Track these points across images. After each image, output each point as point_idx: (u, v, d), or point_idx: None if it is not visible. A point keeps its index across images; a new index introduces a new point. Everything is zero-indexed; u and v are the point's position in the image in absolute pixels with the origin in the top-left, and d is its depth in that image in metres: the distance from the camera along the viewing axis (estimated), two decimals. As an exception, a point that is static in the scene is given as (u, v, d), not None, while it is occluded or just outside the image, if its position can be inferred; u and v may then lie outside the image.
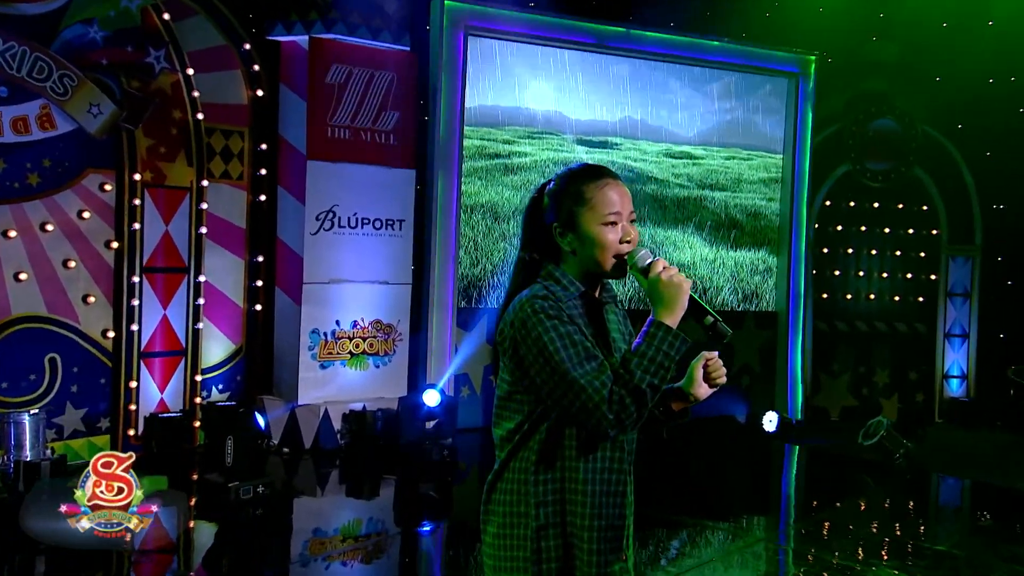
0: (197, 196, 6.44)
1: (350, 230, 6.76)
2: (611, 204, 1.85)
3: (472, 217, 7.30)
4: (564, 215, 1.87)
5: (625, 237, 1.86)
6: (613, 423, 1.75)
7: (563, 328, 1.78)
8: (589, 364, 1.76)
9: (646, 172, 8.09)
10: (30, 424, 5.21)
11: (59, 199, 5.88)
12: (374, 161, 6.80)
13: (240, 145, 6.71)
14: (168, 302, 6.40)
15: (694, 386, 1.97)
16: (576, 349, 1.77)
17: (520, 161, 7.48)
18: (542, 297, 1.81)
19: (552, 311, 1.79)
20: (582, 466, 1.84)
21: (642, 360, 1.76)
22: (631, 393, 1.75)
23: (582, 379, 1.75)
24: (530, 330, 1.78)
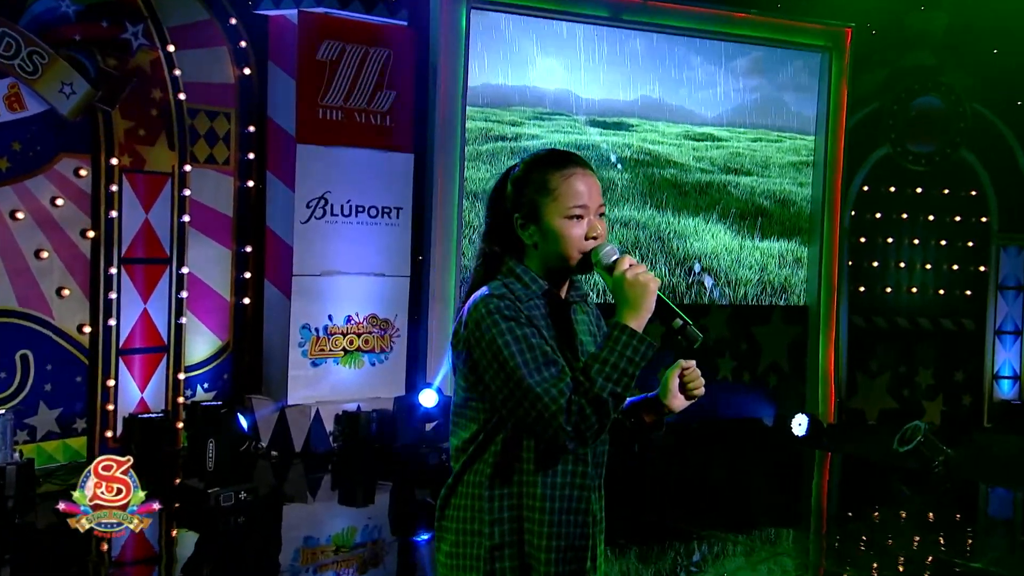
0: (179, 182, 6.37)
1: (343, 218, 6.68)
2: (577, 195, 1.81)
3: (476, 204, 7.19)
4: (526, 206, 1.83)
5: (591, 232, 1.83)
6: (571, 435, 1.72)
7: (520, 330, 1.75)
8: (548, 370, 1.73)
9: (665, 155, 7.98)
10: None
11: (30, 185, 5.83)
12: (369, 144, 6.71)
13: (226, 127, 6.64)
14: (149, 295, 6.34)
15: (669, 397, 1.93)
16: (533, 354, 1.74)
17: (528, 144, 7.36)
18: (498, 296, 1.78)
19: (508, 311, 1.76)
20: (540, 480, 1.80)
21: (603, 366, 1.72)
22: (591, 402, 1.71)
23: (538, 387, 1.72)
24: (484, 332, 1.75)
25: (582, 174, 1.84)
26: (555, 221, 1.81)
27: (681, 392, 1.93)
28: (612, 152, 7.72)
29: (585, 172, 1.85)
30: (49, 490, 5.51)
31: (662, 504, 6.09)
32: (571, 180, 1.82)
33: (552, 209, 1.81)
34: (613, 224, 7.78)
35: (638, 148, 7.78)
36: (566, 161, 1.85)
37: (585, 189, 1.82)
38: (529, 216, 1.83)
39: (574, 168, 1.84)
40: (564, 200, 1.81)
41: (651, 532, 5.33)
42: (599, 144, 7.67)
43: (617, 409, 1.76)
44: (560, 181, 1.82)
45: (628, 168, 7.79)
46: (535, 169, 1.85)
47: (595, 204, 1.85)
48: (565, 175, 1.83)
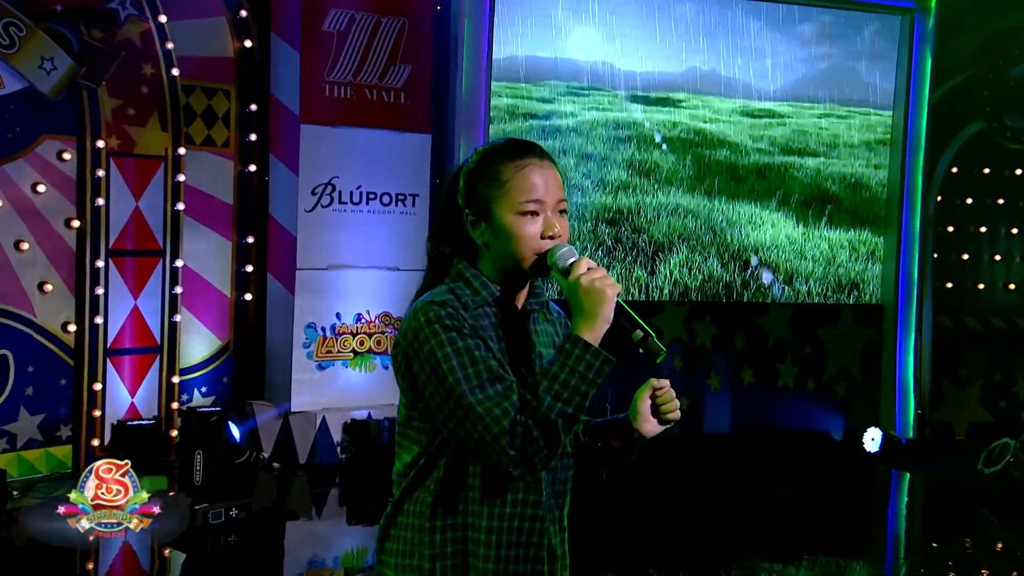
0: (173, 166, 6.29)
1: (353, 206, 6.57)
2: (531, 189, 1.79)
3: None
4: (477, 201, 1.82)
5: (548, 231, 1.80)
6: (516, 460, 1.68)
7: (462, 342, 1.73)
8: (492, 388, 1.71)
9: (718, 135, 7.73)
10: None
11: (10, 170, 5.77)
12: (381, 124, 6.59)
13: (225, 106, 6.55)
14: (139, 291, 6.26)
15: (639, 420, 1.92)
16: (476, 368, 1.72)
17: (561, 123, 7.23)
18: (440, 303, 1.76)
19: (450, 320, 1.74)
20: (486, 511, 1.78)
21: (552, 384, 1.69)
22: (539, 424, 1.68)
23: (479, 406, 1.69)
24: (422, 343, 1.73)
25: (539, 166, 1.81)
26: (507, 217, 1.79)
27: (654, 415, 1.91)
28: (657, 131, 7.52)
29: (543, 163, 1.82)
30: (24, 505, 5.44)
31: (710, 528, 5.92)
32: (525, 172, 1.79)
33: (504, 204, 1.79)
34: (658, 212, 7.54)
35: (686, 126, 7.60)
36: (521, 151, 1.82)
37: (541, 182, 1.79)
38: (480, 213, 1.81)
39: (529, 159, 1.81)
40: (516, 194, 1.78)
41: (696, 561, 5.20)
42: (642, 122, 7.46)
43: (569, 432, 1.71)
44: (513, 173, 1.79)
45: (675, 149, 7.60)
46: (487, 160, 1.83)
47: (553, 199, 1.81)
48: (519, 166, 1.80)
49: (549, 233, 1.80)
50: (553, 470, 1.85)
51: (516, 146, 1.84)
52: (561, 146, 7.26)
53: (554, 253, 1.78)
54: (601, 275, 1.74)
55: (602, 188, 7.35)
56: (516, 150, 1.83)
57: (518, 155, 1.81)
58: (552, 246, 1.79)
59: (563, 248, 1.79)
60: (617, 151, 7.40)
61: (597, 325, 1.72)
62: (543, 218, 1.80)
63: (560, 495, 1.88)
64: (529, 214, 1.78)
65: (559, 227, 1.81)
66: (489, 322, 1.80)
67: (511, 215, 1.79)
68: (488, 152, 1.85)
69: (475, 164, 1.85)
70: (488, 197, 1.80)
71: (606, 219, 7.35)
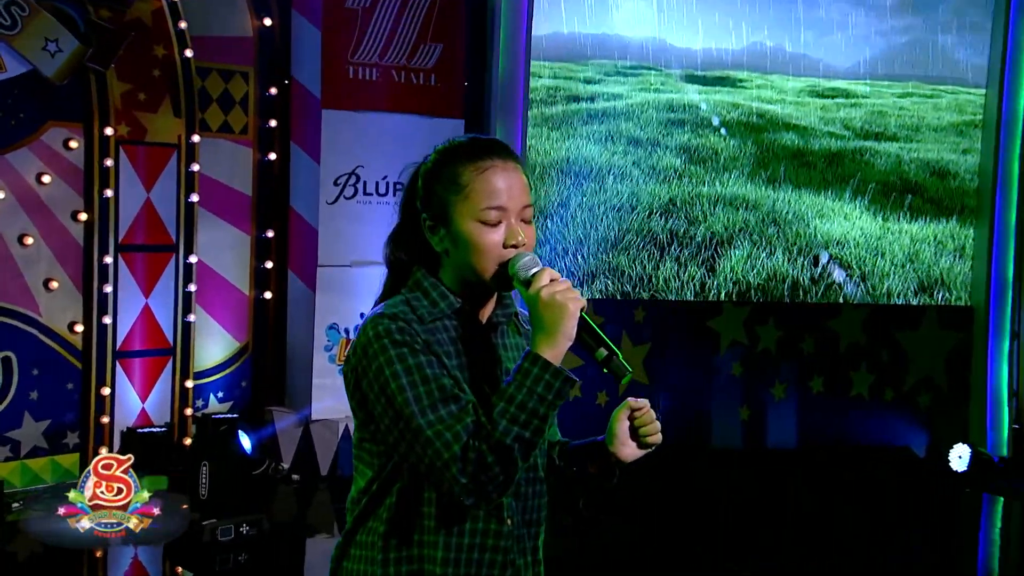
0: (187, 155, 6.23)
1: (379, 198, 6.48)
2: (492, 194, 1.78)
3: (543, 180, 6.99)
4: (435, 205, 1.81)
5: (511, 239, 1.78)
6: (468, 489, 1.66)
7: (413, 359, 1.72)
8: (445, 408, 1.69)
9: (783, 117, 7.52)
10: None
11: (12, 159, 5.75)
12: (410, 109, 6.50)
13: (243, 89, 6.50)
14: (151, 288, 6.22)
15: (615, 443, 1.90)
16: (428, 387, 1.70)
17: (607, 106, 7.10)
18: (390, 316, 1.75)
19: (400, 335, 1.73)
20: (442, 541, 1.77)
21: (508, 406, 1.67)
22: (493, 450, 1.66)
23: (429, 429, 1.68)
24: (371, 360, 1.73)
25: (501, 168, 1.79)
26: (466, 225, 1.78)
27: (632, 439, 1.89)
28: (714, 114, 7.34)
29: (507, 165, 1.80)
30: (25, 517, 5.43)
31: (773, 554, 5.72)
32: (487, 175, 1.78)
33: (463, 210, 1.77)
34: (716, 203, 7.31)
35: (748, 109, 7.42)
36: (483, 152, 1.80)
37: (504, 186, 1.78)
38: (438, 218, 1.80)
39: (491, 161, 1.79)
40: (476, 199, 1.77)
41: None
42: (697, 104, 7.29)
43: (527, 457, 1.69)
44: (473, 176, 1.78)
45: (735, 133, 7.40)
46: (445, 161, 1.81)
47: (517, 205, 1.79)
48: (479, 169, 1.78)
49: (512, 242, 1.78)
50: (523, 497, 1.84)
51: (477, 146, 1.81)
52: (608, 131, 7.12)
53: (515, 263, 1.77)
54: (564, 287, 1.72)
55: (654, 177, 7.18)
56: (477, 150, 1.80)
57: (479, 156, 1.79)
58: (515, 255, 1.78)
59: (525, 257, 1.77)
60: (670, 136, 7.23)
61: (558, 342, 1.71)
62: (506, 225, 1.78)
63: (532, 524, 1.87)
64: (490, 222, 1.77)
65: (524, 235, 1.79)
66: (447, 336, 1.79)
67: (471, 222, 1.77)
68: (447, 152, 1.82)
69: (433, 164, 1.83)
70: (446, 202, 1.79)
71: (658, 211, 7.18)
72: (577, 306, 1.72)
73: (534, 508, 1.87)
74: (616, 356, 1.75)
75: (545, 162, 6.98)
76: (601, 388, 7.18)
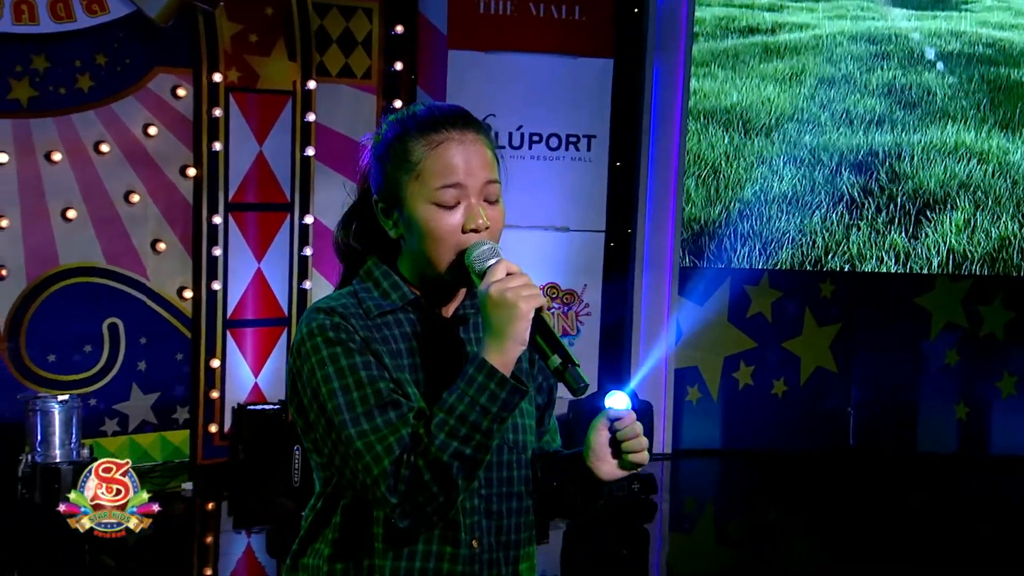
0: (302, 103, 6.32)
1: (512, 151, 6.52)
2: (448, 172, 1.75)
3: (708, 129, 6.90)
4: (387, 185, 1.79)
5: (470, 223, 1.75)
6: (401, 510, 1.65)
7: (347, 360, 1.71)
8: (382, 416, 1.69)
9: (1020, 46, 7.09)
10: (60, 414, 5.35)
11: (118, 109, 5.94)
12: (550, 48, 6.54)
13: (366, 28, 6.49)
14: (263, 252, 6.34)
15: (592, 458, 1.83)
16: (362, 393, 1.70)
17: (792, 38, 6.98)
18: (326, 310, 1.74)
19: (334, 333, 1.72)
20: (389, 566, 1.76)
21: (448, 417, 1.66)
22: (430, 466, 1.64)
23: (359, 440, 1.68)
24: (304, 360, 1.73)
25: (458, 141, 1.75)
26: (419, 207, 1.74)
27: (613, 455, 1.81)
28: (928, 45, 7.09)
29: (464, 137, 1.76)
30: None
31: None
32: (440, 151, 1.74)
33: (415, 190, 1.74)
34: (928, 154, 7.12)
35: (973, 37, 7.11)
36: (438, 124, 1.76)
37: (461, 161, 1.74)
38: (390, 200, 1.78)
39: (447, 133, 1.75)
40: (430, 179, 1.74)
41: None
42: (907, 34, 7.02)
43: (471, 476, 1.67)
44: (425, 152, 1.74)
45: (954, 69, 7.10)
46: (395, 135, 1.78)
47: (477, 182, 1.75)
48: (432, 143, 1.74)
49: (471, 226, 1.73)
50: (496, 516, 1.80)
51: (432, 117, 1.76)
52: (791, 69, 6.96)
53: (471, 252, 1.72)
54: (519, 284, 1.67)
55: (847, 124, 6.98)
56: (430, 122, 1.75)
57: (432, 128, 1.74)
58: (477, 241, 1.74)
59: (483, 247, 1.72)
60: (871, 74, 7.01)
61: (506, 347, 1.66)
62: (465, 207, 1.74)
63: (509, 547, 1.83)
64: (446, 203, 1.73)
65: (485, 217, 1.74)
66: (400, 332, 1.77)
67: (425, 205, 1.73)
68: (397, 123, 1.79)
69: (382, 138, 1.80)
70: (398, 181, 1.75)
71: (852, 164, 6.96)
72: (531, 306, 1.66)
73: (511, 528, 1.83)
74: (572, 365, 1.70)
75: (712, 107, 6.91)
76: (779, 376, 7.02)
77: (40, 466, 5.19)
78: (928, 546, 5.65)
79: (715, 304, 6.97)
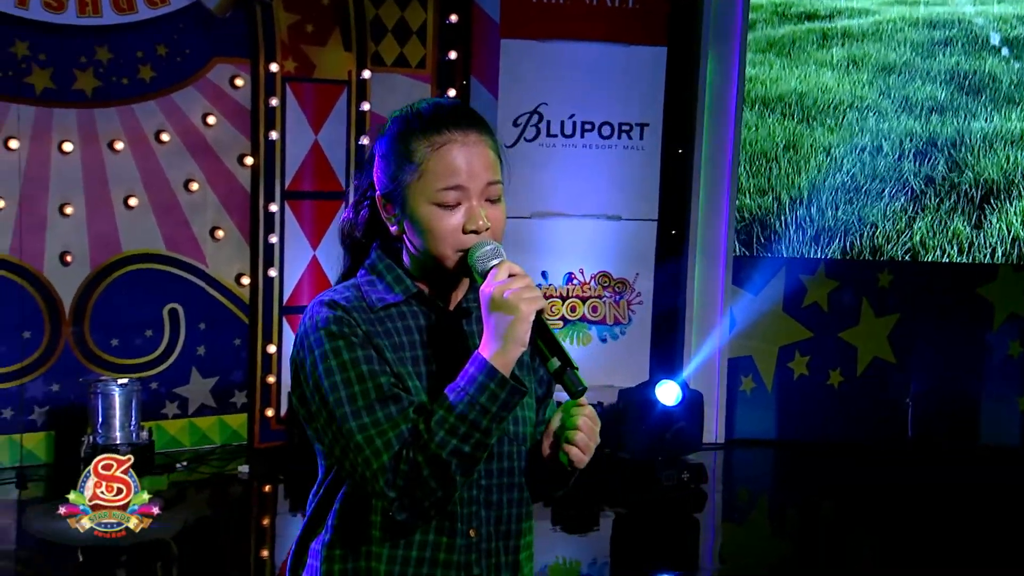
0: (357, 92, 6.44)
1: (564, 139, 6.58)
2: (449, 173, 1.79)
3: (763, 116, 6.84)
4: (389, 182, 1.83)
5: (471, 224, 1.79)
6: (399, 504, 1.72)
7: (348, 354, 1.76)
8: (383, 410, 1.74)
9: None
10: (120, 397, 5.61)
11: (178, 99, 6.17)
12: (603, 37, 6.56)
13: (421, 18, 6.61)
14: (319, 240, 6.46)
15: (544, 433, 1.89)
16: (363, 387, 1.75)
17: (851, 24, 6.88)
18: (330, 304, 1.80)
19: (336, 326, 1.78)
20: (386, 554, 1.82)
21: (448, 415, 1.71)
22: (429, 462, 1.70)
23: (360, 434, 1.73)
24: (306, 352, 1.80)
25: (460, 143, 1.79)
26: (421, 207, 1.79)
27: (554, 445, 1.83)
28: (994, 30, 6.92)
29: (467, 138, 1.80)
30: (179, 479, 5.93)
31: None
32: (442, 152, 1.78)
33: (417, 190, 1.79)
34: (992, 142, 6.90)
35: None
36: (440, 124, 1.80)
37: (463, 163, 1.78)
38: (392, 197, 1.82)
39: (450, 134, 1.79)
40: (431, 179, 1.78)
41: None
42: (971, 19, 6.89)
43: (469, 473, 1.73)
44: (428, 153, 1.78)
45: (1020, 54, 6.97)
46: (398, 133, 1.82)
47: (479, 184, 1.79)
48: (435, 144, 1.78)
49: (472, 227, 1.78)
50: (496, 506, 1.85)
51: (435, 117, 1.80)
52: (850, 56, 6.87)
53: (474, 252, 1.78)
54: (521, 286, 1.72)
55: (908, 110, 6.87)
56: (434, 122, 1.79)
57: (435, 129, 1.78)
58: (476, 242, 1.79)
59: (486, 247, 1.78)
60: (932, 60, 6.89)
61: (507, 348, 1.70)
62: (466, 208, 1.79)
63: (509, 536, 1.88)
64: (447, 204, 1.78)
65: (486, 218, 1.79)
66: (403, 325, 1.82)
67: (426, 205, 1.78)
68: (400, 121, 1.83)
69: (386, 135, 1.85)
70: (400, 179, 1.80)
71: (913, 152, 6.86)
72: (532, 308, 1.71)
73: (511, 518, 1.88)
74: (570, 369, 1.74)
75: (767, 95, 6.83)
76: (835, 366, 7.00)
77: (100, 447, 5.39)
78: (986, 541, 5.57)
79: (770, 294, 6.92)
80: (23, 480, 5.82)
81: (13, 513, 5.63)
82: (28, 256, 5.94)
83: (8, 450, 5.94)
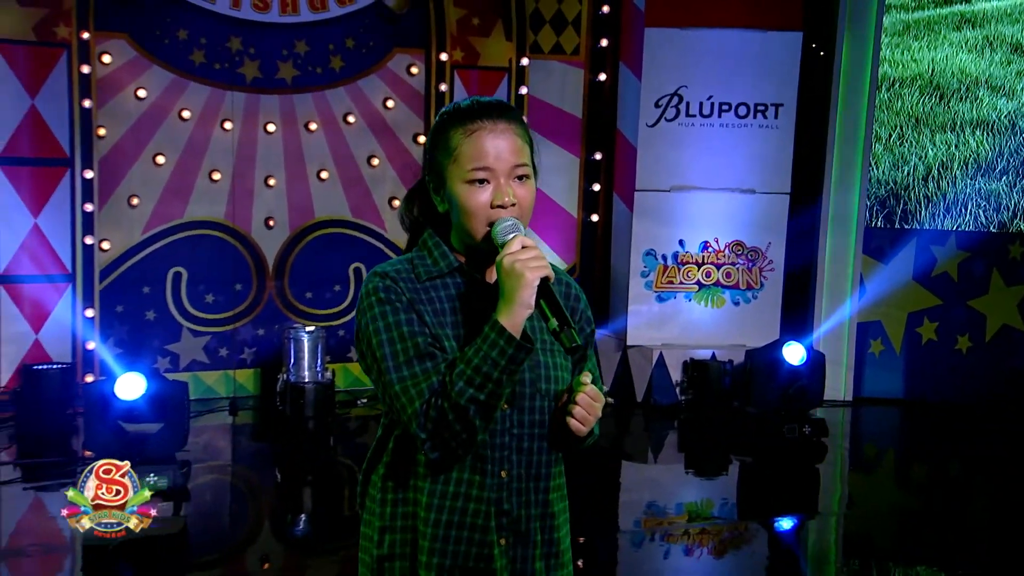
0: (517, 77, 6.98)
1: (702, 119, 6.80)
2: (479, 156, 1.92)
3: (898, 96, 6.82)
4: (435, 167, 1.99)
5: (498, 199, 1.92)
6: (430, 445, 1.88)
7: (393, 317, 1.92)
8: (420, 365, 1.90)
9: None
10: (308, 342, 6.32)
11: (363, 85, 6.89)
12: (740, 23, 6.70)
13: (576, 9, 7.06)
14: None
15: None
16: (404, 345, 1.91)
17: (987, 8, 6.78)
18: (380, 274, 1.96)
19: (384, 293, 1.93)
20: (427, 487, 1.97)
21: (466, 368, 1.85)
22: (452, 408, 1.85)
23: (398, 384, 1.90)
24: (362, 315, 1.96)
25: (490, 130, 1.93)
26: (456, 186, 1.94)
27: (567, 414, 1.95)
28: None
29: (496, 126, 1.94)
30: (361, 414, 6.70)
31: None
32: (474, 138, 1.92)
33: (453, 172, 1.94)
34: None
35: None
36: (475, 115, 1.95)
37: (491, 148, 1.92)
38: (437, 180, 1.99)
39: (482, 123, 1.93)
40: (464, 161, 1.93)
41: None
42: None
43: (488, 418, 1.87)
44: (462, 139, 1.93)
45: None
46: (441, 125, 1.98)
47: (505, 165, 1.92)
48: (468, 131, 1.93)
49: (499, 202, 1.91)
50: (527, 452, 1.98)
51: (471, 110, 1.96)
52: (985, 37, 6.75)
53: (496, 227, 1.91)
54: (528, 256, 1.84)
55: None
56: (469, 114, 1.95)
57: (469, 119, 1.94)
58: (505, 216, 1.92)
59: (506, 222, 1.90)
60: None
61: (515, 310, 1.84)
62: (494, 186, 1.92)
63: (540, 478, 2.01)
64: (477, 182, 1.92)
65: (511, 195, 1.91)
66: (447, 294, 1.97)
67: (460, 184, 1.93)
68: (444, 115, 1.99)
69: (434, 127, 2.01)
70: (442, 165, 1.96)
71: None
72: (535, 275, 1.83)
73: (541, 463, 2.00)
74: (567, 328, 1.86)
75: (902, 76, 6.77)
76: (964, 332, 7.04)
77: (291, 384, 6.04)
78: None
79: (900, 263, 6.91)
80: (235, 408, 6.68)
81: (229, 435, 6.40)
82: (239, 221, 6.75)
83: (224, 383, 6.85)
